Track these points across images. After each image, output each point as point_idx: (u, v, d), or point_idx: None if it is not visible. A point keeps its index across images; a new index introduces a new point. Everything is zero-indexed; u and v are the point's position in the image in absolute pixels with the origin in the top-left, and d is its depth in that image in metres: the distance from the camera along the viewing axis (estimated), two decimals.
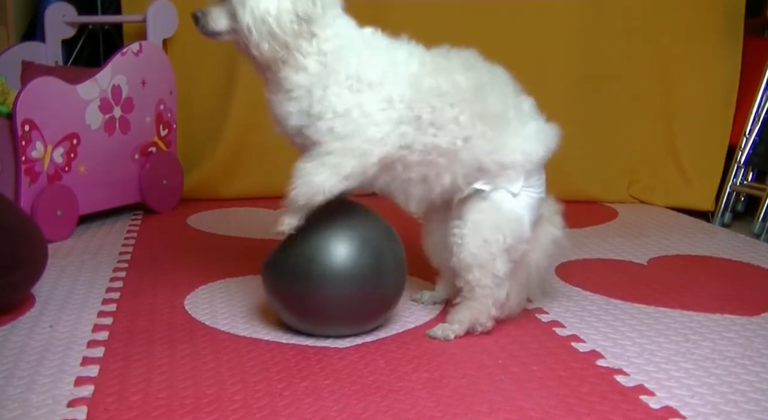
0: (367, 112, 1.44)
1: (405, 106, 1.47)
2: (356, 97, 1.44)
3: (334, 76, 1.45)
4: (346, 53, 1.46)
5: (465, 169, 1.52)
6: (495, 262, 1.52)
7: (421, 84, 1.48)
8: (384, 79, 1.46)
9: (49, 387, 1.30)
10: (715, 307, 1.80)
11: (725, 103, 3.06)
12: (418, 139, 1.48)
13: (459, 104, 1.49)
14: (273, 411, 1.22)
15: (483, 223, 1.52)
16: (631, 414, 1.26)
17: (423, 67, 1.50)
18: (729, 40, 3.05)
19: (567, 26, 3.05)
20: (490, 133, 1.51)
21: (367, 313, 1.54)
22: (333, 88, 1.44)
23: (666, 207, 3.03)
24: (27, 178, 2.18)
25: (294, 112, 1.47)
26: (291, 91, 1.47)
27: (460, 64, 1.53)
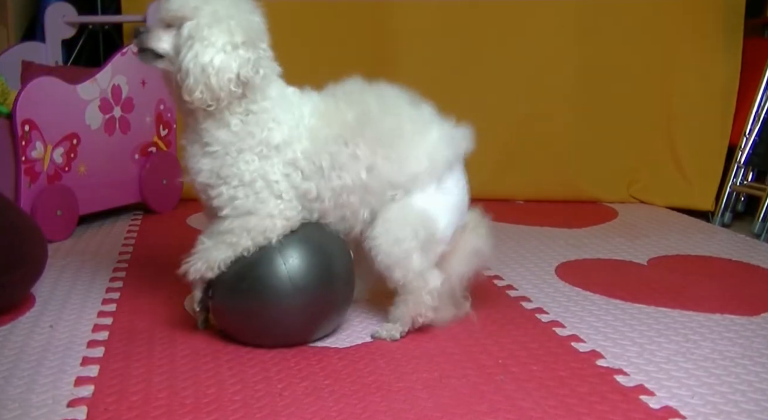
0: (270, 181, 1.45)
1: (308, 161, 1.48)
2: (263, 165, 1.45)
3: (249, 139, 1.45)
4: (265, 116, 1.46)
5: (378, 196, 1.52)
6: (410, 259, 1.51)
7: (318, 136, 1.49)
8: (290, 139, 1.47)
9: (49, 387, 1.30)
10: (715, 307, 1.80)
11: (725, 103, 3.06)
12: (324, 186, 1.49)
13: (352, 139, 1.49)
14: (273, 411, 1.22)
15: (392, 222, 1.51)
16: (631, 414, 1.26)
17: (319, 119, 1.50)
18: (729, 40, 3.05)
19: (567, 26, 3.05)
20: (393, 153, 1.51)
21: (319, 320, 1.51)
22: (245, 154, 1.45)
23: (666, 207, 3.03)
24: (27, 178, 2.18)
25: (205, 170, 1.47)
26: (209, 145, 1.46)
27: (345, 101, 1.52)
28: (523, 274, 2.04)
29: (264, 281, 1.43)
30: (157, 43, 1.46)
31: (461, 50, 3.06)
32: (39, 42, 2.87)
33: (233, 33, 1.41)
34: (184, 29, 1.42)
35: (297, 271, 1.44)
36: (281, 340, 1.48)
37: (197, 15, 1.41)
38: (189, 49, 1.40)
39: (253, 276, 1.44)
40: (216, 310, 1.52)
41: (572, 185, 3.09)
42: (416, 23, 3.04)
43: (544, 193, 3.08)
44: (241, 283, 1.44)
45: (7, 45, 2.90)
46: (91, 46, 3.21)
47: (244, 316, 1.47)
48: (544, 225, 2.65)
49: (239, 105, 1.45)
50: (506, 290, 1.90)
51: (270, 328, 1.46)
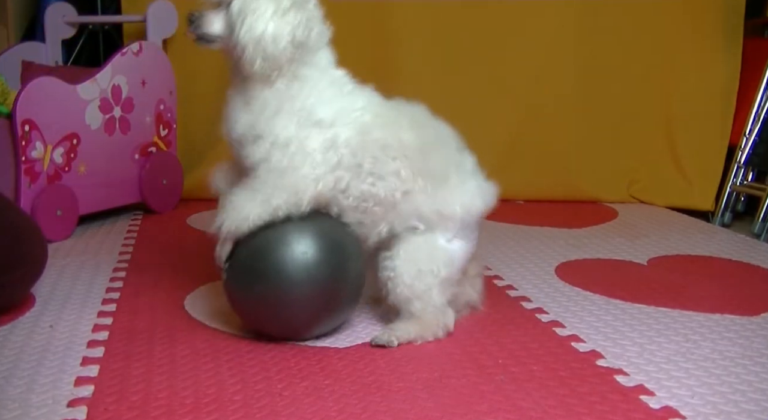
0: (306, 150, 1.46)
1: (349, 152, 1.49)
2: (299, 132, 1.46)
3: (289, 103, 1.47)
4: (310, 86, 1.48)
5: (402, 218, 1.53)
6: (431, 293, 1.52)
7: (369, 133, 1.50)
8: (335, 121, 1.48)
9: (49, 387, 1.30)
10: (715, 307, 1.80)
11: (725, 103, 3.06)
12: (356, 185, 1.50)
13: (401, 159, 1.51)
14: (273, 411, 1.22)
15: (416, 253, 1.52)
16: (631, 414, 1.26)
17: (376, 118, 1.52)
18: (729, 40, 3.05)
19: (567, 26, 3.05)
20: (431, 189, 1.52)
21: (324, 314, 1.51)
22: (283, 115, 1.46)
23: (666, 207, 3.03)
24: (27, 178, 2.18)
25: (242, 122, 1.48)
26: (251, 99, 1.48)
27: (409, 121, 1.54)
28: (523, 274, 2.04)
29: (279, 266, 1.43)
30: (210, 27, 1.48)
31: (461, 50, 3.06)
32: (39, 42, 2.87)
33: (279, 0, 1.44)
34: (233, 6, 1.45)
35: (313, 263, 1.43)
36: (283, 328, 1.49)
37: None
38: (242, 25, 1.43)
39: (270, 259, 1.44)
40: (227, 287, 1.51)
41: (572, 185, 3.09)
42: (416, 23, 3.04)
43: (544, 193, 3.08)
44: (257, 264, 1.44)
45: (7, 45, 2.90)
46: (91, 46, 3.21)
47: (252, 296, 1.47)
48: (544, 225, 2.65)
49: (288, 68, 1.46)
50: (506, 290, 1.90)
51: (275, 315, 1.46)
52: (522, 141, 3.07)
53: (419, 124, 1.56)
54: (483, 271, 1.74)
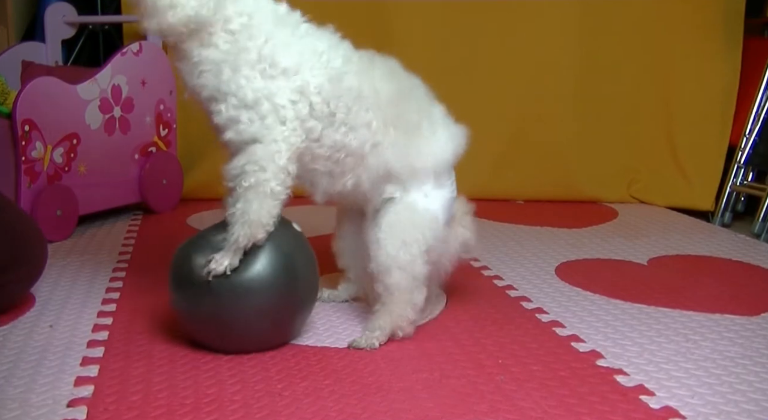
0: (276, 105, 1.38)
1: (321, 100, 1.42)
2: (268, 85, 1.38)
3: (244, 54, 1.38)
4: (256, 31, 1.39)
5: (372, 173, 1.51)
6: (414, 264, 1.50)
7: (341, 81, 1.45)
8: (301, 67, 1.41)
9: (49, 387, 1.30)
10: (715, 307, 1.80)
11: (725, 103, 3.07)
12: (329, 134, 1.45)
13: (374, 110, 1.48)
14: (273, 411, 1.22)
15: (399, 224, 1.50)
16: (631, 414, 1.26)
17: (346, 64, 1.47)
18: (729, 40, 3.05)
19: (567, 26, 3.05)
20: (401, 140, 1.50)
21: (282, 323, 1.48)
22: (244, 70, 1.37)
23: (666, 207, 3.03)
24: (27, 178, 2.18)
25: (207, 85, 1.40)
26: (199, 64, 1.39)
27: (382, 72, 1.51)
28: (523, 274, 2.04)
29: (223, 280, 1.38)
30: None
31: (461, 50, 3.06)
32: (39, 42, 2.87)
33: None
34: None
35: (258, 271, 1.40)
36: (240, 343, 1.45)
37: None
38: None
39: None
40: (177, 312, 1.48)
41: (572, 185, 3.09)
42: (416, 23, 3.04)
43: (544, 193, 3.08)
44: (202, 285, 1.39)
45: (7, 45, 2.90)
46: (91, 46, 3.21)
47: (200, 316, 1.43)
48: (544, 225, 2.65)
49: (213, 25, 1.38)
50: (506, 290, 1.90)
51: (230, 330, 1.42)
52: (522, 141, 3.07)
53: (393, 73, 1.53)
54: (470, 209, 1.70)
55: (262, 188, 1.38)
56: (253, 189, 1.38)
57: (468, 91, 3.06)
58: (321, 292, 1.73)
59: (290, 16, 1.46)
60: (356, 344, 1.50)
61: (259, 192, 1.38)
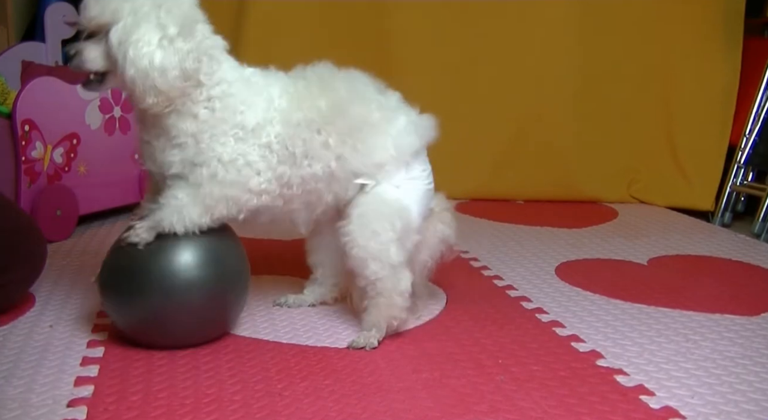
0: (250, 162, 1.43)
1: (281, 146, 1.46)
2: (240, 147, 1.42)
3: (221, 125, 1.42)
4: (233, 101, 1.43)
5: (343, 183, 1.51)
6: (388, 252, 1.48)
7: (290, 120, 1.47)
8: (264, 122, 1.45)
9: (49, 387, 1.30)
10: (715, 307, 1.80)
11: (725, 103, 3.07)
12: (295, 173, 1.47)
13: (324, 128, 1.48)
14: (273, 411, 1.22)
15: (368, 214, 1.49)
16: (631, 414, 1.26)
17: (290, 102, 1.48)
18: (729, 40, 3.06)
19: (567, 27, 3.06)
20: (360, 143, 1.50)
21: (211, 322, 1.49)
22: (220, 138, 1.41)
23: (666, 207, 3.03)
24: (27, 178, 2.18)
25: (176, 161, 1.42)
26: (176, 137, 1.41)
27: (317, 86, 1.51)
28: (523, 274, 2.04)
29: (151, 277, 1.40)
30: (92, 64, 1.37)
31: (461, 50, 3.06)
32: (39, 42, 2.86)
33: (165, 26, 1.33)
34: (112, 36, 1.33)
35: (187, 268, 1.41)
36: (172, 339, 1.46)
37: (120, 16, 1.33)
38: (124, 58, 1.32)
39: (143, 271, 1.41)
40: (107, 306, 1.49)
41: (572, 185, 3.09)
42: (416, 23, 3.04)
43: (544, 193, 3.08)
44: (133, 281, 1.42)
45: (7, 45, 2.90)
46: None
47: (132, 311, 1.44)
48: (544, 225, 2.65)
49: (199, 93, 1.40)
50: (506, 290, 1.90)
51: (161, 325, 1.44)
52: (522, 141, 3.07)
53: (328, 84, 1.51)
54: (450, 205, 1.69)
55: (212, 207, 1.42)
56: (207, 199, 1.41)
57: (468, 91, 3.06)
58: (286, 298, 1.72)
59: (252, 77, 1.48)
60: (355, 344, 1.50)
61: (208, 205, 1.41)
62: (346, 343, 1.51)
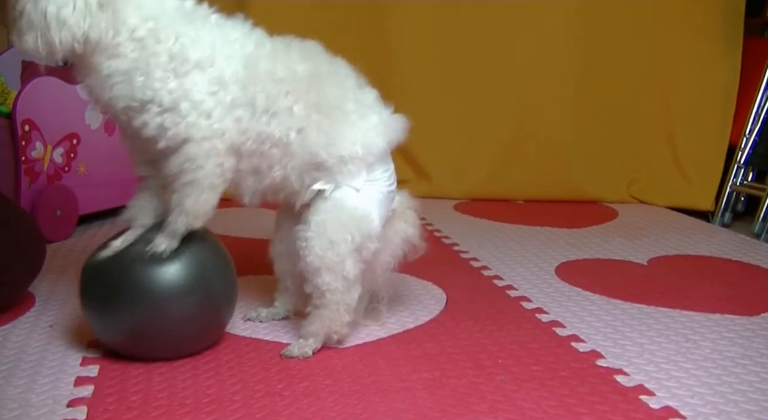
0: (195, 101, 1.33)
1: (239, 88, 1.37)
2: (182, 82, 1.32)
3: (154, 58, 1.31)
4: (163, 34, 1.32)
5: (299, 163, 1.43)
6: (344, 264, 1.43)
7: (256, 66, 1.38)
8: (214, 57, 1.35)
9: (49, 387, 1.30)
10: (715, 307, 1.80)
11: (725, 103, 3.07)
12: (252, 126, 1.39)
13: (294, 93, 1.40)
14: (273, 411, 1.22)
15: (327, 223, 1.43)
16: (631, 414, 1.26)
17: (259, 48, 1.40)
18: (729, 41, 3.06)
19: (567, 26, 3.06)
20: (326, 124, 1.42)
21: (198, 333, 1.44)
22: (156, 73, 1.31)
23: (666, 207, 3.03)
24: (27, 178, 2.18)
25: (121, 96, 1.33)
26: (110, 76, 1.32)
27: (300, 53, 1.43)
28: (523, 274, 2.04)
29: (149, 287, 1.36)
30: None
31: (461, 50, 3.06)
32: None
33: None
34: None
35: (172, 280, 1.36)
36: (158, 351, 1.41)
37: None
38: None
39: (127, 282, 1.36)
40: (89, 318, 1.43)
41: (572, 185, 3.09)
42: (416, 23, 3.04)
43: (544, 193, 3.08)
44: (118, 290, 1.36)
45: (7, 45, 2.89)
46: None
47: (115, 326, 1.39)
48: (544, 225, 2.65)
49: (117, 36, 1.30)
50: (506, 290, 1.90)
51: (147, 339, 1.39)
52: (522, 141, 3.07)
53: (311, 56, 1.45)
54: (415, 204, 1.60)
55: (199, 184, 1.36)
56: (190, 185, 1.36)
57: (468, 91, 3.06)
58: (258, 312, 1.63)
59: (197, 10, 1.39)
60: (288, 353, 1.45)
61: (196, 187, 1.36)
62: (279, 353, 1.45)
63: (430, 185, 3.07)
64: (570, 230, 2.59)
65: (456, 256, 2.21)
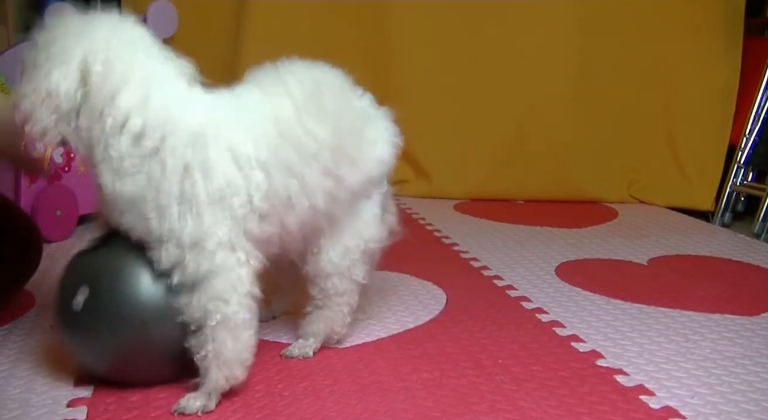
0: (222, 239, 1.20)
1: (266, 200, 1.25)
2: (204, 220, 1.19)
3: (164, 196, 1.19)
4: (171, 165, 1.19)
5: (342, 204, 1.38)
6: (355, 268, 1.43)
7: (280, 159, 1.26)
8: (232, 178, 1.22)
9: (49, 387, 1.30)
10: (715, 307, 1.80)
11: (725, 103, 3.07)
12: (291, 218, 1.30)
13: (320, 154, 1.31)
14: (273, 411, 1.22)
15: (342, 229, 1.41)
16: (631, 414, 1.26)
17: (275, 123, 1.27)
18: (729, 41, 3.05)
19: (567, 26, 3.06)
20: (356, 160, 1.37)
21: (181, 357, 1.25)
22: (171, 209, 1.19)
23: (666, 207, 3.03)
24: (27, 178, 2.18)
25: (139, 228, 1.22)
26: (116, 201, 1.25)
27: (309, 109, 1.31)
28: (523, 274, 2.04)
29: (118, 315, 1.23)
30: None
31: (461, 50, 3.06)
32: None
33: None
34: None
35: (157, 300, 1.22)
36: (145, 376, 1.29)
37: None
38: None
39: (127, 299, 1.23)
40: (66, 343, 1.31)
41: (572, 185, 3.09)
42: (416, 23, 3.04)
43: (544, 193, 3.08)
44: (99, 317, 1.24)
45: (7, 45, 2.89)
46: None
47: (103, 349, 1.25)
48: (544, 225, 2.65)
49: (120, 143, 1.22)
50: (506, 290, 1.90)
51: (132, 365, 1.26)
52: (522, 141, 3.07)
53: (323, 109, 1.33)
54: (390, 189, 1.53)
55: (231, 323, 1.20)
56: (221, 325, 1.20)
57: (468, 91, 3.06)
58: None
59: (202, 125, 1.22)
60: (289, 354, 1.44)
61: (229, 327, 1.20)
62: (280, 353, 1.44)
63: (430, 185, 3.07)
64: (570, 230, 2.59)
65: (456, 256, 2.21)
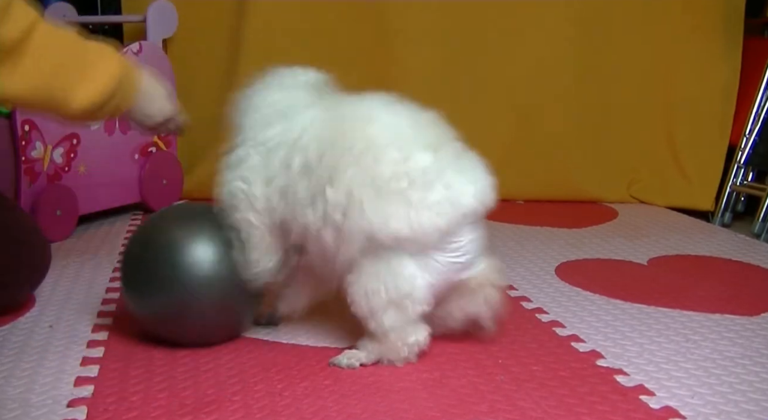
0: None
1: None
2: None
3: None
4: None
5: (353, 243, 1.34)
6: (382, 315, 1.36)
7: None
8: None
9: (49, 387, 1.30)
10: (715, 307, 1.80)
11: (725, 103, 3.07)
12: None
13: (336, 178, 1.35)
14: (273, 411, 1.22)
15: (364, 272, 1.35)
16: (631, 414, 1.26)
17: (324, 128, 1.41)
18: (729, 40, 3.05)
19: (567, 26, 3.06)
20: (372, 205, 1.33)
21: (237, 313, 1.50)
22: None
23: (666, 207, 3.03)
24: (27, 178, 2.18)
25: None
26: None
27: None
28: (523, 274, 2.04)
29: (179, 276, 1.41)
30: None
31: (461, 50, 3.06)
32: None
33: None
34: None
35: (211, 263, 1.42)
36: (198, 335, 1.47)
37: None
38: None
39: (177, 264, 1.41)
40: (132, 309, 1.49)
41: (572, 185, 3.09)
42: (416, 23, 3.04)
43: (544, 193, 3.08)
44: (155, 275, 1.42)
45: None
46: None
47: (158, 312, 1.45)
48: (544, 225, 2.65)
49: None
50: (506, 290, 1.90)
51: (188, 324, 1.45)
52: (522, 141, 3.07)
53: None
54: (497, 280, 1.48)
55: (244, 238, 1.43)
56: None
57: (467, 91, 3.06)
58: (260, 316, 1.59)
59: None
60: (337, 362, 1.41)
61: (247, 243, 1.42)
62: (329, 361, 1.42)
63: None
64: (570, 230, 2.59)
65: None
